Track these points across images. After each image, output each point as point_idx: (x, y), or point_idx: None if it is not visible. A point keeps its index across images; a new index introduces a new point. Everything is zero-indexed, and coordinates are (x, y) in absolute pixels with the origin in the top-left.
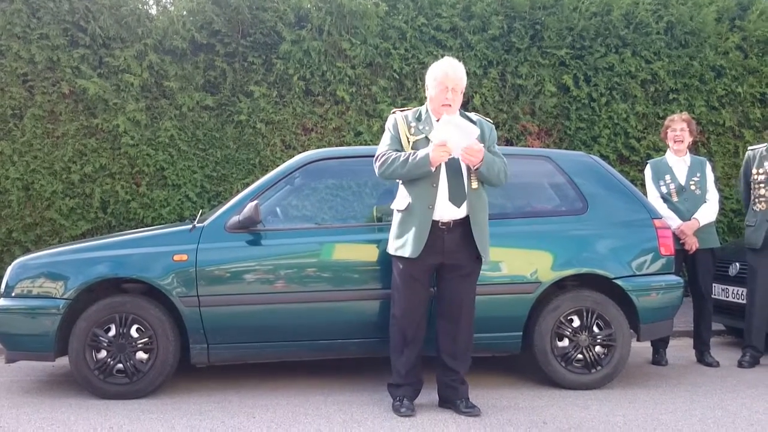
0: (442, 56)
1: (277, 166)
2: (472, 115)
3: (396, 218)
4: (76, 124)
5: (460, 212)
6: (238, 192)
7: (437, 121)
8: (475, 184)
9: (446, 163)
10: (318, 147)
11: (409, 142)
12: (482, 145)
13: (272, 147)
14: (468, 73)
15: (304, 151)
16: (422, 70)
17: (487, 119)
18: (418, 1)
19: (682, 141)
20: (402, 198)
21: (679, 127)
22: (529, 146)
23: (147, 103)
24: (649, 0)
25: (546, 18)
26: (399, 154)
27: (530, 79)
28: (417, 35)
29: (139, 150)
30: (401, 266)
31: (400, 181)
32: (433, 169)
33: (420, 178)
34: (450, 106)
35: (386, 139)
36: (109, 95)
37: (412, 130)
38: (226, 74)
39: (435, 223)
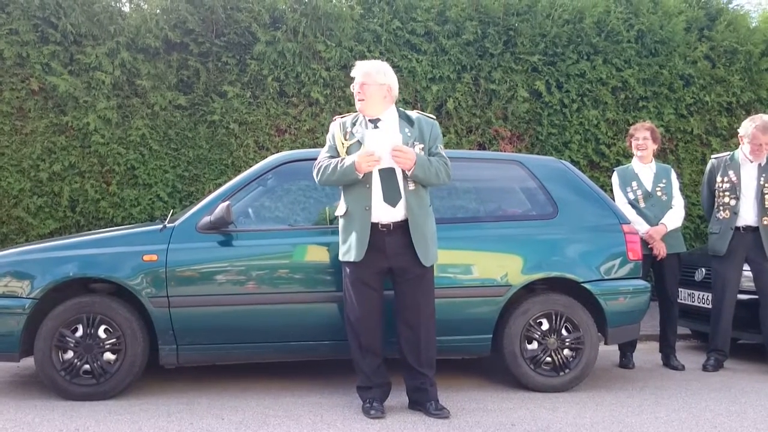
0: (417, 60)
1: (250, 166)
2: (413, 113)
3: (340, 225)
4: (46, 121)
5: (397, 213)
6: (210, 192)
7: (370, 121)
8: (411, 185)
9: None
10: (291, 148)
11: (344, 147)
12: (419, 147)
13: (245, 148)
14: (442, 78)
15: (277, 152)
16: (396, 73)
17: (430, 116)
18: (394, 5)
19: (646, 149)
20: (341, 204)
21: (641, 136)
22: (501, 150)
23: (118, 101)
24: (620, 9)
25: (519, 24)
26: (331, 161)
27: (503, 85)
28: (392, 39)
29: (110, 149)
30: (349, 271)
31: (341, 188)
32: (361, 176)
33: (353, 183)
34: (363, 100)
35: (325, 146)
36: (80, 93)
37: (347, 135)
38: (199, 74)
39: (375, 225)
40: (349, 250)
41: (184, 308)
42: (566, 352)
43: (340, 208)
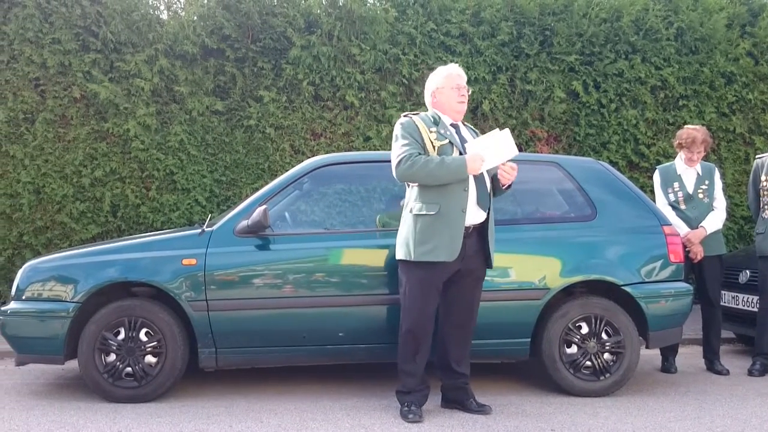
0: (452, 61)
1: (286, 171)
2: (468, 125)
3: (416, 223)
4: (87, 128)
5: (480, 217)
6: (247, 197)
7: (451, 124)
8: (492, 192)
9: None
10: (327, 152)
11: (434, 147)
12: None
13: (281, 152)
14: (477, 79)
15: (313, 156)
16: None
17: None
18: (428, 7)
19: (699, 160)
20: (426, 203)
21: (696, 151)
22: (538, 152)
23: (157, 107)
24: (659, 6)
25: (555, 24)
26: (430, 157)
27: (539, 85)
28: (426, 41)
29: (149, 154)
30: (423, 273)
31: (416, 186)
32: (467, 176)
33: (451, 182)
34: (464, 103)
35: (404, 140)
36: (120, 100)
37: (434, 135)
38: (235, 79)
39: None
40: (434, 250)
41: (223, 312)
42: (606, 356)
43: (424, 207)
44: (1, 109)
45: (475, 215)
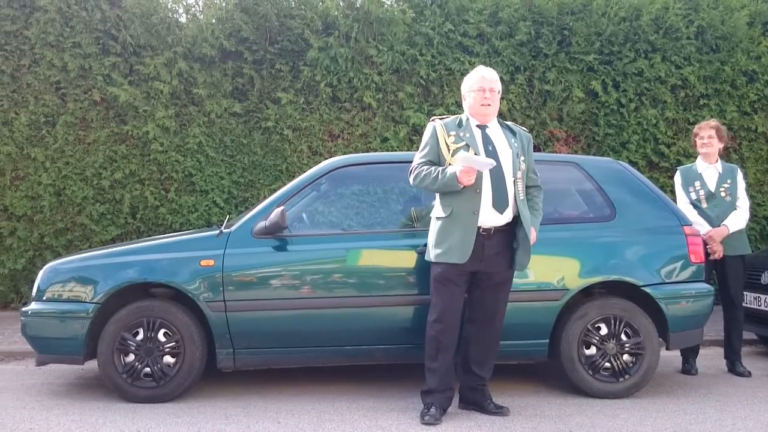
0: (469, 62)
1: (304, 172)
2: (512, 125)
3: (435, 225)
4: (107, 130)
5: (502, 219)
6: (264, 198)
7: (477, 126)
8: (521, 195)
9: (490, 170)
10: (344, 153)
11: (449, 150)
12: (522, 159)
13: (299, 153)
14: None
15: (330, 157)
16: (449, 76)
17: (524, 128)
18: (445, 8)
19: (711, 146)
20: (442, 206)
21: (706, 135)
22: (556, 152)
23: (176, 110)
24: (679, 5)
25: (574, 23)
26: (430, 169)
27: (558, 85)
28: (444, 41)
29: (168, 156)
30: (440, 273)
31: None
32: (462, 187)
33: (451, 191)
34: (489, 105)
35: (423, 148)
36: (139, 102)
37: (452, 138)
38: (253, 81)
39: (477, 228)
40: (448, 251)
41: (241, 312)
42: (626, 357)
43: (442, 210)
44: (23, 112)
45: (491, 217)
